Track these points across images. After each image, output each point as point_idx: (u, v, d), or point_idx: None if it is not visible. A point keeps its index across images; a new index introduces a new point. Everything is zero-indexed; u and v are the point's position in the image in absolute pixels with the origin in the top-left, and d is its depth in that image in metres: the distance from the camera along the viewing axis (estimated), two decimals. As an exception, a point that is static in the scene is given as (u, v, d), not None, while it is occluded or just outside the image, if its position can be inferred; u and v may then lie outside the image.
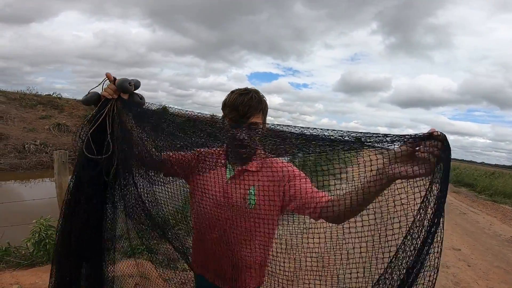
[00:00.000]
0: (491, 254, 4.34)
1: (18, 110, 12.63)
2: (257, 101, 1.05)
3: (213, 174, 1.09)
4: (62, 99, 16.00)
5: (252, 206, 1.07)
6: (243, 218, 1.06)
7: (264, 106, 1.08)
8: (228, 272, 1.14)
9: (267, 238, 1.09)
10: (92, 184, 0.99)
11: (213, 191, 1.07)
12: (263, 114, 1.07)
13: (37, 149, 9.98)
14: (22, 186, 7.49)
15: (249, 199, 1.07)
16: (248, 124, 1.02)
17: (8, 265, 2.45)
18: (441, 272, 3.49)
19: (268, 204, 1.05)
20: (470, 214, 7.34)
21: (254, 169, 1.08)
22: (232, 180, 1.09)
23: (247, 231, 1.07)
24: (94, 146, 0.92)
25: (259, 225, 1.05)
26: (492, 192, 11.34)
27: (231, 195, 1.08)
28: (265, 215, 1.04)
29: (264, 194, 1.04)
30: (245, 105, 1.03)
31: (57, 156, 2.73)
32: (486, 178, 15.37)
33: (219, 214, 1.09)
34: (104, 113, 0.93)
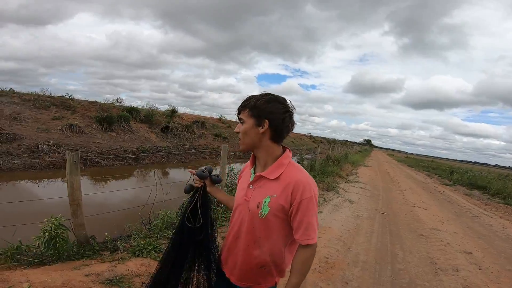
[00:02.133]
0: (504, 258, 4.25)
1: (32, 111, 12.90)
2: (245, 100, 1.17)
3: (244, 179, 1.30)
4: (75, 101, 16.29)
5: (264, 215, 1.13)
6: (255, 224, 1.17)
7: (251, 105, 1.14)
8: (240, 269, 1.23)
9: (279, 244, 1.18)
10: (189, 241, 1.38)
11: (239, 192, 1.27)
12: (249, 110, 1.15)
13: (50, 149, 10.17)
14: (35, 186, 7.65)
15: (263, 207, 1.13)
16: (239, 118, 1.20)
17: (19, 263, 2.50)
18: (451, 275, 3.44)
19: (278, 216, 1.14)
20: (483, 217, 7.19)
21: (272, 178, 1.15)
22: (253, 184, 1.20)
23: (258, 236, 1.17)
24: (192, 218, 1.34)
25: (269, 233, 1.16)
26: (506, 195, 11.07)
27: (249, 199, 1.19)
28: (275, 225, 1.15)
29: (276, 205, 1.12)
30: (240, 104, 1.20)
31: (69, 156, 2.78)
32: (499, 180, 15.03)
33: (239, 213, 1.24)
34: (195, 198, 1.37)
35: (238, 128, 1.19)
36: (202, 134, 20.89)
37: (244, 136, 1.17)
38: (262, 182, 1.17)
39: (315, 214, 1.13)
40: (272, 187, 1.14)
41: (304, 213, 1.10)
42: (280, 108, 1.13)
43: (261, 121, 1.13)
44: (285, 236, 1.18)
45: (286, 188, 1.11)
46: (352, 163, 17.52)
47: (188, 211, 1.36)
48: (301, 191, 1.09)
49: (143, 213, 3.84)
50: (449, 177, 18.35)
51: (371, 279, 3.14)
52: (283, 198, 1.11)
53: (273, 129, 1.14)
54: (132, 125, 15.82)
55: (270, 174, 1.15)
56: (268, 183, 1.15)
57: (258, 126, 1.13)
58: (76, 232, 2.92)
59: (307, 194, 1.09)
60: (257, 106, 1.13)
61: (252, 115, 1.14)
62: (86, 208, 3.05)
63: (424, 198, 9.04)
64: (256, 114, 1.13)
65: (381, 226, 5.21)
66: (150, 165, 12.18)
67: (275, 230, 1.15)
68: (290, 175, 1.13)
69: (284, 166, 1.15)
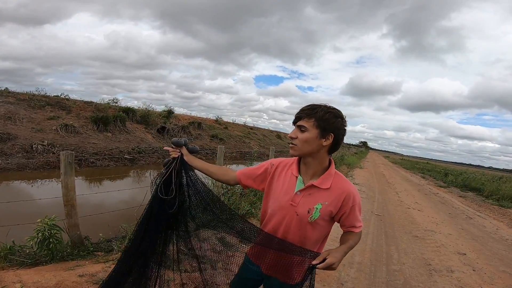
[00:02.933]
0: (497, 259, 4.28)
1: (26, 110, 12.80)
2: (310, 109, 1.21)
3: (284, 182, 1.33)
4: (70, 100, 16.18)
5: (313, 219, 1.25)
6: (302, 226, 1.27)
7: (319, 116, 1.19)
8: (281, 266, 1.31)
9: (318, 244, 1.34)
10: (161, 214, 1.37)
11: (283, 196, 1.31)
12: (315, 121, 1.19)
13: (44, 149, 10.09)
14: (29, 186, 7.58)
15: (314, 213, 1.24)
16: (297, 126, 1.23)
17: (12, 264, 2.48)
18: (445, 276, 3.46)
19: (325, 220, 1.27)
20: (477, 219, 7.25)
21: (324, 187, 1.25)
22: (302, 191, 1.27)
23: (303, 237, 1.28)
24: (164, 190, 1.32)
25: (314, 234, 1.29)
26: (500, 196, 11.19)
27: (296, 204, 1.26)
28: (321, 227, 1.29)
29: (326, 211, 1.25)
30: (300, 110, 1.24)
31: (63, 156, 2.76)
32: (493, 182, 15.17)
33: (283, 217, 1.30)
34: (171, 168, 1.36)
35: (295, 134, 1.23)
36: (199, 135, 20.86)
37: (304, 144, 1.21)
38: (312, 190, 1.26)
39: (360, 211, 1.32)
40: (323, 195, 1.24)
41: (354, 214, 1.28)
42: (343, 124, 1.23)
43: (327, 134, 1.19)
44: (323, 237, 1.35)
45: (337, 197, 1.24)
46: (348, 165, 17.57)
47: (161, 182, 1.34)
48: (353, 199, 1.25)
49: (138, 214, 3.82)
50: (443, 179, 18.48)
51: (366, 280, 3.15)
52: (333, 205, 1.24)
53: (334, 143, 1.23)
54: (128, 125, 15.76)
55: (322, 184, 1.25)
56: (319, 191, 1.25)
57: (322, 138, 1.20)
58: (70, 232, 2.89)
59: (357, 201, 1.27)
60: (325, 119, 1.18)
61: (318, 126, 1.19)
62: (80, 209, 3.03)
63: (419, 200, 9.10)
64: (322, 126, 1.18)
65: (377, 227, 5.23)
66: (146, 165, 12.13)
67: (319, 231, 1.30)
68: (340, 186, 1.26)
69: (332, 177, 1.26)
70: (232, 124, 31.73)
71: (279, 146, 30.40)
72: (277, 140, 38.69)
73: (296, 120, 1.23)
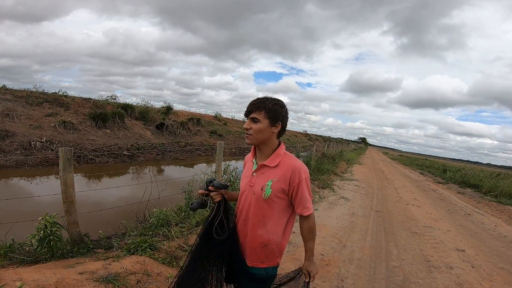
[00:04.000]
0: (496, 256, 4.30)
1: (24, 107, 12.73)
2: (260, 102, 1.37)
3: (246, 169, 1.56)
4: (68, 97, 16.10)
5: (267, 196, 1.37)
6: (260, 204, 1.40)
7: (268, 108, 1.36)
8: (249, 248, 1.45)
9: (280, 224, 1.44)
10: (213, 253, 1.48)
11: (244, 180, 1.51)
12: (266, 112, 1.36)
13: (43, 146, 10.04)
14: (28, 183, 7.56)
15: (266, 190, 1.37)
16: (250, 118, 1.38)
17: (11, 262, 2.47)
18: (444, 273, 3.47)
19: (279, 197, 1.38)
20: (475, 215, 7.28)
21: (272, 165, 1.40)
22: (256, 172, 1.44)
23: (262, 216, 1.41)
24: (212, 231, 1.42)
25: (272, 212, 1.40)
26: (498, 193, 11.22)
27: (253, 184, 1.43)
28: (276, 204, 1.40)
29: (277, 187, 1.37)
30: (250, 104, 1.39)
31: (62, 153, 2.74)
32: (492, 179, 15.21)
33: (245, 199, 1.47)
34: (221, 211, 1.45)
35: (249, 125, 1.38)
36: (198, 131, 20.82)
37: (258, 133, 1.37)
38: (264, 170, 1.42)
39: (309, 190, 1.41)
40: (272, 172, 1.39)
41: (302, 191, 1.38)
42: (287, 113, 1.43)
43: (276, 123, 1.38)
44: (283, 217, 1.45)
45: (285, 173, 1.37)
46: (347, 161, 17.59)
47: (216, 224, 1.43)
48: (298, 174, 1.36)
49: (138, 210, 3.81)
50: (442, 175, 18.54)
51: (366, 276, 3.16)
52: (282, 181, 1.37)
53: (282, 129, 1.42)
54: (126, 122, 15.71)
55: (270, 162, 1.41)
56: (269, 170, 1.40)
57: (272, 126, 1.38)
58: (69, 230, 2.88)
59: (302, 175, 1.37)
60: (273, 110, 1.36)
61: (268, 117, 1.36)
62: (80, 206, 3.02)
63: (417, 196, 9.13)
64: (272, 116, 1.36)
65: (376, 223, 5.24)
66: (145, 162, 12.10)
67: (276, 210, 1.41)
68: (287, 162, 1.39)
69: (281, 156, 1.41)
70: (231, 120, 31.69)
71: (278, 143, 30.38)
72: (276, 136, 38.63)
73: (248, 113, 1.38)
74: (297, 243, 3.79)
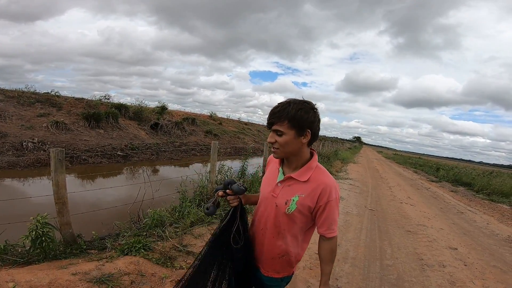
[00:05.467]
0: (488, 254, 4.36)
1: (16, 108, 12.57)
2: (279, 111, 1.18)
3: (270, 174, 1.39)
4: (61, 97, 15.95)
5: (290, 211, 1.25)
6: (280, 217, 1.29)
7: (291, 116, 1.16)
8: (265, 258, 1.37)
9: (300, 236, 1.33)
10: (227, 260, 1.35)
11: (266, 187, 1.36)
12: (288, 122, 1.17)
13: (35, 147, 9.93)
14: (20, 184, 7.47)
15: (291, 205, 1.25)
16: (273, 131, 1.21)
17: (4, 263, 2.44)
18: (437, 271, 3.51)
19: (303, 213, 1.26)
20: (468, 213, 7.37)
21: (302, 180, 1.25)
22: (282, 183, 1.30)
23: (283, 228, 1.30)
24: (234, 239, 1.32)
25: (292, 226, 1.30)
26: (490, 191, 11.37)
27: (276, 195, 1.29)
28: (298, 220, 1.28)
29: (303, 204, 1.24)
30: (270, 114, 1.21)
31: (53, 153, 2.71)
32: (484, 177, 15.41)
33: (265, 208, 1.35)
34: (237, 218, 1.35)
35: (273, 138, 1.22)
36: (193, 131, 20.76)
37: (285, 146, 1.21)
38: (291, 182, 1.28)
39: (337, 212, 1.27)
40: (301, 188, 1.25)
41: (330, 212, 1.24)
42: (316, 115, 1.22)
43: (303, 132, 1.19)
44: (303, 231, 1.33)
45: (314, 190, 1.23)
46: (342, 160, 17.68)
47: (234, 231, 1.33)
48: (328, 194, 1.22)
49: (132, 211, 3.79)
50: (435, 173, 18.73)
51: (360, 275, 3.18)
52: (310, 199, 1.23)
53: (312, 136, 1.23)
54: (120, 122, 15.60)
55: (300, 176, 1.26)
56: (297, 184, 1.26)
57: (300, 136, 1.20)
58: (62, 230, 2.86)
59: (333, 196, 1.23)
60: (298, 117, 1.16)
61: (292, 127, 1.17)
62: (73, 207, 2.99)
63: (411, 195, 9.21)
64: (297, 126, 1.17)
65: (370, 222, 5.27)
66: (139, 162, 12.03)
67: (297, 224, 1.29)
68: (319, 179, 1.24)
69: (312, 170, 1.26)
70: (227, 120, 31.65)
71: (273, 142, 30.39)
72: (271, 136, 38.67)
73: (269, 125, 1.22)
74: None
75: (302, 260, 3.31)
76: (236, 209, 1.36)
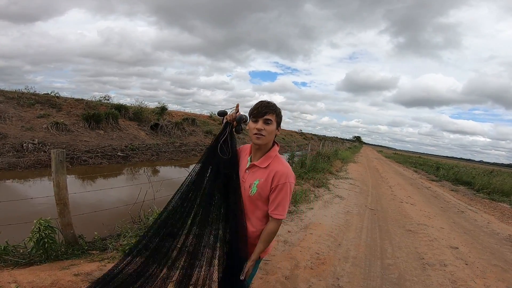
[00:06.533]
0: (489, 253, 4.36)
1: (16, 109, 12.57)
2: (272, 105, 1.46)
3: (242, 162, 1.60)
4: (60, 98, 15.93)
5: (253, 194, 1.47)
6: (247, 201, 1.50)
7: (277, 112, 1.47)
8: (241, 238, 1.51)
9: (263, 221, 1.51)
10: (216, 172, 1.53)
11: (241, 175, 1.55)
12: (276, 115, 1.46)
13: (35, 148, 9.93)
14: (20, 185, 7.47)
15: (252, 188, 1.46)
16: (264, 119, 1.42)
17: (6, 264, 2.44)
18: (438, 270, 3.51)
19: (262, 196, 1.46)
20: (468, 213, 7.37)
21: (262, 166, 1.48)
22: (248, 169, 1.53)
23: (248, 210, 1.51)
24: (221, 149, 1.52)
25: (255, 209, 1.50)
26: (490, 190, 11.37)
27: (245, 181, 1.52)
28: (260, 203, 1.48)
29: (261, 187, 1.45)
30: (264, 106, 1.45)
31: (54, 154, 2.72)
32: (484, 176, 15.41)
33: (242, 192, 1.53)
34: (227, 130, 1.53)
35: (263, 126, 1.43)
36: (193, 132, 20.75)
37: (269, 134, 1.45)
38: (254, 169, 1.50)
39: (287, 197, 1.44)
40: (261, 173, 1.47)
41: (278, 194, 1.42)
42: None
43: (279, 126, 1.51)
44: (264, 215, 1.50)
45: (269, 174, 1.44)
46: (342, 159, 17.68)
47: (221, 142, 1.53)
48: (279, 178, 1.42)
49: (133, 211, 3.79)
50: (435, 173, 18.72)
51: (361, 274, 3.18)
52: (266, 182, 1.44)
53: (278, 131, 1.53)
54: (120, 122, 15.59)
55: (261, 163, 1.49)
56: (258, 170, 1.48)
57: (277, 129, 1.49)
58: (63, 231, 2.86)
59: (283, 180, 1.42)
60: (278, 113, 1.47)
61: (276, 120, 1.46)
62: (74, 208, 3.00)
63: (411, 194, 9.21)
64: (278, 120, 1.48)
65: (371, 221, 5.28)
66: (139, 163, 12.02)
67: (258, 207, 1.49)
68: (276, 165, 1.46)
69: (271, 158, 1.49)
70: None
71: (273, 142, 30.35)
72: (271, 136, 38.69)
73: (262, 114, 1.42)
74: (293, 242, 3.81)
75: (303, 259, 3.32)
76: (228, 124, 1.54)
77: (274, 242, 3.74)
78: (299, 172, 8.33)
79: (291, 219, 4.73)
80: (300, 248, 3.66)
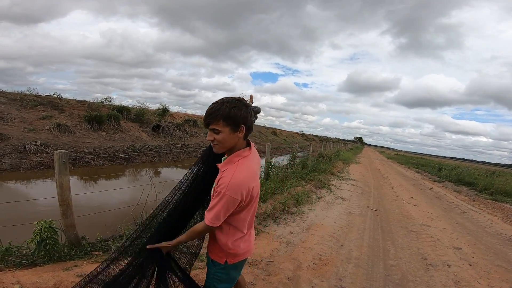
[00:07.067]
0: (492, 253, 4.34)
1: (18, 110, 12.63)
2: (213, 112, 1.28)
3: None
4: (63, 100, 16.01)
5: (210, 195, 1.39)
6: None
7: (225, 115, 1.26)
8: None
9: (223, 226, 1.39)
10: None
11: None
12: (223, 120, 1.27)
13: (37, 149, 9.97)
14: (23, 186, 7.50)
15: (211, 191, 1.39)
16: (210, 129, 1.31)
17: (9, 265, 2.45)
18: (442, 271, 3.50)
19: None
20: (471, 213, 7.34)
21: (222, 169, 1.36)
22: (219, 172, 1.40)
23: None
24: None
25: None
26: (493, 191, 11.31)
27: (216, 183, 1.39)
28: None
29: (213, 189, 1.35)
30: (205, 115, 1.31)
31: (57, 156, 2.73)
32: (487, 177, 15.34)
33: None
34: None
35: (212, 136, 1.32)
36: (194, 133, 20.79)
37: (223, 142, 1.31)
38: (220, 172, 1.37)
39: (218, 205, 1.28)
40: (219, 176, 1.35)
41: (213, 199, 1.30)
42: (248, 111, 1.32)
43: (238, 127, 1.30)
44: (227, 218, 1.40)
45: (218, 179, 1.34)
46: (344, 160, 17.65)
47: None
48: (219, 185, 1.29)
49: (136, 212, 3.80)
50: (437, 173, 18.65)
51: (364, 275, 3.17)
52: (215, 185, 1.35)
53: (247, 130, 1.34)
54: (122, 124, 15.64)
55: (222, 167, 1.37)
56: (220, 173, 1.36)
57: (236, 131, 1.30)
58: (66, 232, 2.87)
59: (220, 189, 1.27)
60: (231, 115, 1.27)
61: (227, 124, 1.28)
62: (76, 209, 3.00)
63: (414, 195, 9.18)
64: (232, 123, 1.28)
65: (373, 222, 5.27)
66: (141, 164, 12.06)
67: None
68: (226, 173, 1.31)
69: (232, 163, 1.33)
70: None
71: (275, 143, 30.38)
72: (273, 136, 38.74)
73: (206, 124, 1.31)
74: (295, 243, 3.80)
75: (305, 260, 3.31)
76: None
77: (277, 243, 3.75)
78: (300, 173, 8.32)
79: (293, 220, 4.72)
80: (302, 249, 3.66)
